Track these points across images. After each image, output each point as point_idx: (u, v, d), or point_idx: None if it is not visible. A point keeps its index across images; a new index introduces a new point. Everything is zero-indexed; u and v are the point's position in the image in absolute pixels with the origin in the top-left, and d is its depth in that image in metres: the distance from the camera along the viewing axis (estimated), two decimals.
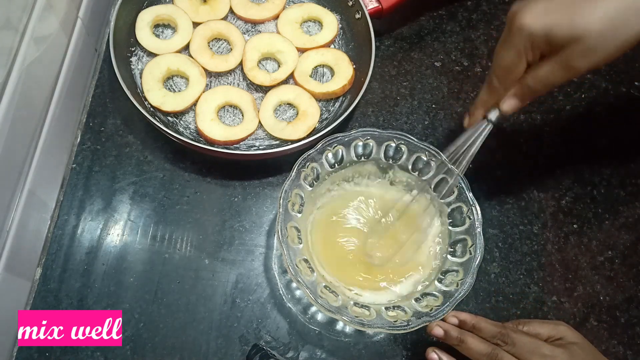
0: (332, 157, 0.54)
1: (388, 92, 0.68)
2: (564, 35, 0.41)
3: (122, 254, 0.56)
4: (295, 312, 0.55)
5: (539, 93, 0.46)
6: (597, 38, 0.40)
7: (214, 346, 0.53)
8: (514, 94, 0.47)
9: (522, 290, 0.59)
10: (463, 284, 0.48)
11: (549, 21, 0.42)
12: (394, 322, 0.47)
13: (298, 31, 0.66)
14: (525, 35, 0.43)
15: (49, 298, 0.53)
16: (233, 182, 0.60)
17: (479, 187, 0.59)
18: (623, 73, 0.72)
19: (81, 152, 0.60)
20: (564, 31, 0.41)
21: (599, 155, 0.67)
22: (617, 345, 0.57)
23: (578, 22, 0.41)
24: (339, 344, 0.54)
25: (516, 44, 0.44)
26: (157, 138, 0.61)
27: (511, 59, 0.45)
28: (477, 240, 0.50)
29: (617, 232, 0.63)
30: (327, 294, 0.48)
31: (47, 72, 0.54)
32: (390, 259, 0.54)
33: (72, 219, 0.57)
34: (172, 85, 0.62)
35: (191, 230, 0.58)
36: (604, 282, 0.60)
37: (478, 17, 0.74)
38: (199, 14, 0.64)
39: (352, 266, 0.54)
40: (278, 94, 0.62)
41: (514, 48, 0.44)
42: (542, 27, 0.42)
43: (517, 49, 0.44)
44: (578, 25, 0.41)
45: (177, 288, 0.55)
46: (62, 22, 0.55)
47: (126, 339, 0.52)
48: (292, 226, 0.50)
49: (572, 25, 0.41)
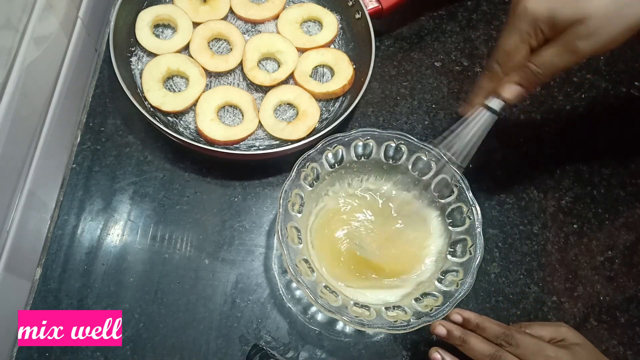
0: (332, 157, 0.54)
1: (388, 92, 0.68)
2: (568, 17, 0.41)
3: (122, 254, 0.56)
4: (295, 312, 0.55)
5: (542, 79, 0.45)
6: (601, 19, 0.40)
7: (214, 346, 0.53)
8: (517, 81, 0.46)
9: (522, 291, 0.59)
10: (463, 284, 0.48)
11: (553, 4, 0.41)
12: (394, 322, 0.47)
13: (298, 31, 0.66)
14: (529, 18, 0.43)
15: (49, 298, 0.53)
16: (233, 182, 0.60)
17: (479, 187, 0.59)
18: (623, 73, 0.72)
19: (81, 152, 0.60)
20: (568, 13, 0.41)
21: (599, 155, 0.67)
22: (617, 345, 0.57)
23: (582, 4, 0.40)
24: (339, 344, 0.54)
25: (520, 28, 0.43)
26: (157, 138, 0.61)
27: (514, 42, 0.44)
28: (477, 241, 0.50)
29: (617, 232, 0.63)
30: (327, 294, 0.48)
31: (47, 72, 0.54)
32: (390, 258, 0.54)
33: (72, 219, 0.57)
34: (172, 85, 0.62)
35: (191, 230, 0.58)
36: (604, 282, 0.60)
37: (478, 17, 0.74)
38: (199, 14, 0.64)
39: (351, 265, 0.54)
40: (278, 94, 0.62)
41: (517, 32, 0.44)
42: (547, 9, 0.42)
43: (521, 33, 0.43)
44: (583, 6, 0.40)
45: (177, 288, 0.55)
46: (62, 22, 0.55)
47: (126, 339, 0.52)
48: (292, 226, 0.50)
49: (576, 6, 0.41)
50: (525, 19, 0.43)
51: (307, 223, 0.54)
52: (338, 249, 0.54)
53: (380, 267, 0.54)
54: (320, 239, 0.54)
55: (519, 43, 0.44)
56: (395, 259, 0.54)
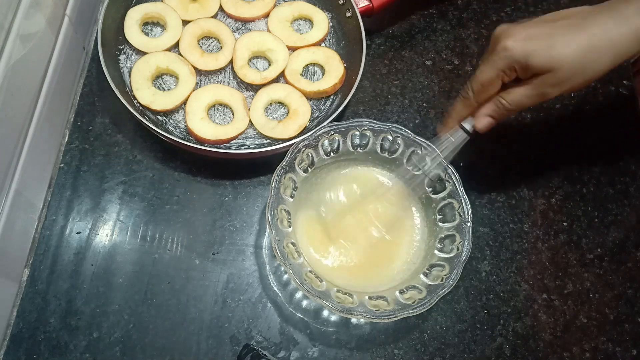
0: (328, 145, 0.54)
1: (379, 90, 0.68)
2: (540, 64, 0.45)
3: (111, 254, 0.55)
4: (286, 313, 0.55)
5: (511, 113, 0.49)
6: (568, 71, 0.45)
7: (204, 347, 0.53)
8: (488, 113, 0.50)
9: (513, 288, 0.59)
10: (448, 280, 0.49)
11: (529, 48, 0.45)
12: (376, 310, 0.47)
13: (289, 29, 0.65)
14: (506, 56, 0.46)
15: (37, 300, 0.53)
16: (223, 181, 0.60)
17: (469, 186, 0.59)
18: (612, 72, 0.72)
19: (69, 152, 0.59)
20: (541, 60, 0.45)
21: (589, 153, 0.68)
22: (607, 342, 0.58)
23: (553, 54, 0.45)
24: (331, 343, 0.54)
25: (496, 63, 0.47)
26: (147, 137, 0.61)
27: (489, 76, 0.48)
28: (466, 237, 0.51)
29: (607, 230, 0.63)
30: (312, 279, 0.49)
31: (33, 71, 0.53)
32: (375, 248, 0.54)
33: (60, 219, 0.56)
34: (162, 83, 0.62)
35: (181, 230, 0.57)
36: (593, 279, 0.60)
37: (469, 16, 0.74)
38: (189, 12, 0.64)
39: (338, 249, 0.54)
40: (269, 93, 0.61)
41: (494, 67, 0.47)
42: (522, 52, 0.45)
43: (497, 69, 0.47)
44: (553, 56, 0.45)
45: (167, 288, 0.55)
46: (49, 19, 0.55)
47: (116, 340, 0.52)
48: (282, 209, 0.50)
49: (548, 55, 0.45)
50: (503, 57, 0.46)
51: (297, 207, 0.54)
52: (326, 231, 0.54)
53: (365, 254, 0.54)
54: (308, 222, 0.54)
55: (494, 77, 0.48)
56: (381, 247, 0.54)
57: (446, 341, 0.56)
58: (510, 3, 0.76)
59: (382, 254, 0.55)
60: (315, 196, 0.56)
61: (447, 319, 0.57)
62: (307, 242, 0.54)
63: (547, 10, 0.73)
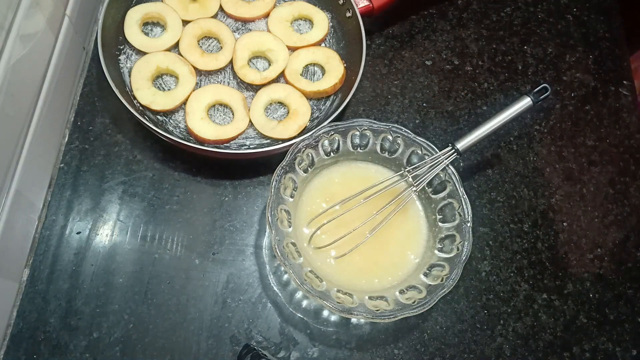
0: (328, 145, 0.54)
1: (379, 90, 0.68)
2: None
3: (111, 254, 0.55)
4: (286, 313, 0.55)
5: None
6: None
7: (204, 347, 0.53)
8: None
9: (513, 288, 0.59)
10: (448, 280, 0.49)
11: None
12: (376, 310, 0.47)
13: (289, 30, 0.65)
14: None
15: (37, 299, 0.53)
16: (223, 181, 0.60)
17: (469, 186, 0.60)
18: (612, 72, 0.73)
19: (69, 152, 0.59)
20: None
21: (588, 153, 0.68)
22: (607, 342, 0.58)
23: None
24: (331, 343, 0.54)
25: None
26: (147, 137, 0.61)
27: None
28: (466, 237, 0.51)
29: (606, 230, 0.63)
30: (312, 278, 0.49)
31: (33, 71, 0.53)
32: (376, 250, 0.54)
33: (60, 219, 0.56)
34: (162, 83, 0.62)
35: (181, 230, 0.57)
36: (593, 279, 0.60)
37: (468, 16, 0.74)
38: (189, 12, 0.64)
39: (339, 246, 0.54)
40: (269, 93, 0.61)
41: None
42: None
43: None
44: None
45: (167, 288, 0.55)
46: (49, 20, 0.55)
47: (116, 340, 0.52)
48: (282, 209, 0.50)
49: None
50: None
51: (297, 206, 0.54)
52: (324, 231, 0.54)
53: (366, 253, 0.54)
54: (308, 218, 0.54)
55: None
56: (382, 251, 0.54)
57: (446, 341, 0.56)
58: (510, 3, 0.76)
59: (382, 254, 0.55)
60: (316, 195, 0.56)
61: (447, 319, 0.57)
62: (306, 240, 0.53)
63: (547, 10, 0.74)
